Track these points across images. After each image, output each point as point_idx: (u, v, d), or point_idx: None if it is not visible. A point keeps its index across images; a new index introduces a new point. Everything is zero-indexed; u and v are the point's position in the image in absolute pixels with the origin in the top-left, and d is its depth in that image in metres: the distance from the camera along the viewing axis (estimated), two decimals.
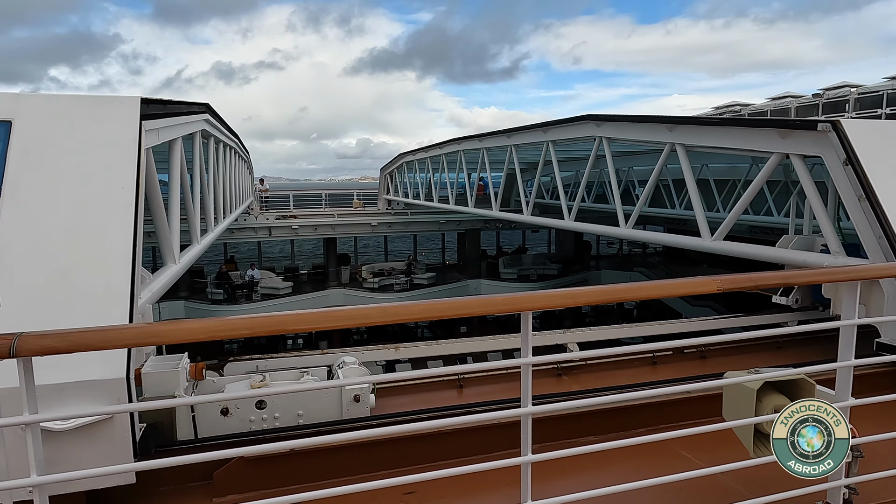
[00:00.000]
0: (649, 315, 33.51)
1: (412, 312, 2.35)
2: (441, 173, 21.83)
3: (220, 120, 10.46)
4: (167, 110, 5.08)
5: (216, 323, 2.05)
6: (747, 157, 19.14)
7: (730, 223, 8.31)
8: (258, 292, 25.52)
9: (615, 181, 12.16)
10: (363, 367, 4.74)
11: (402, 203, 27.57)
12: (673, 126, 9.10)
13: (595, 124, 11.44)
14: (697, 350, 6.30)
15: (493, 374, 5.57)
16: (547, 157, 14.06)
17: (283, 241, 30.20)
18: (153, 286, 4.63)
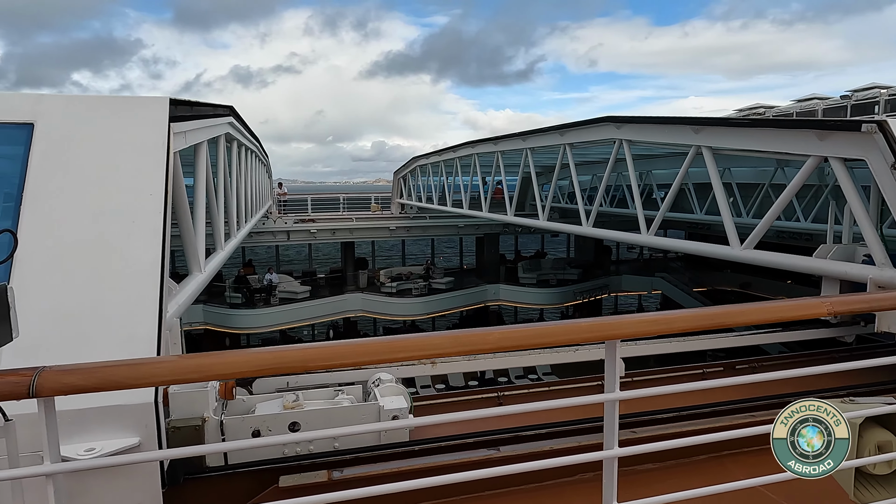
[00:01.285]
0: None
1: (486, 342, 2.05)
2: (455, 177, 21.45)
3: (243, 123, 10.28)
4: (195, 112, 4.84)
5: (262, 356, 1.76)
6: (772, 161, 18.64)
7: (761, 231, 7.75)
8: (276, 296, 25.38)
9: (636, 186, 11.67)
10: (400, 384, 4.44)
11: (416, 207, 27.27)
12: (699, 128, 8.62)
13: (615, 126, 10.99)
14: (749, 366, 5.93)
15: (533, 391, 5.25)
16: (564, 160, 13.63)
17: (301, 245, 30.07)
18: (179, 298, 4.39)
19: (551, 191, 15.57)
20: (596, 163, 24.62)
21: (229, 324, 24.64)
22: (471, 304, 28.66)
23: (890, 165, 5.35)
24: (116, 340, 3.00)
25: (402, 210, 29.29)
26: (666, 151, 20.74)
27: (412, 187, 27.39)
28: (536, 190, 15.74)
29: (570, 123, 12.97)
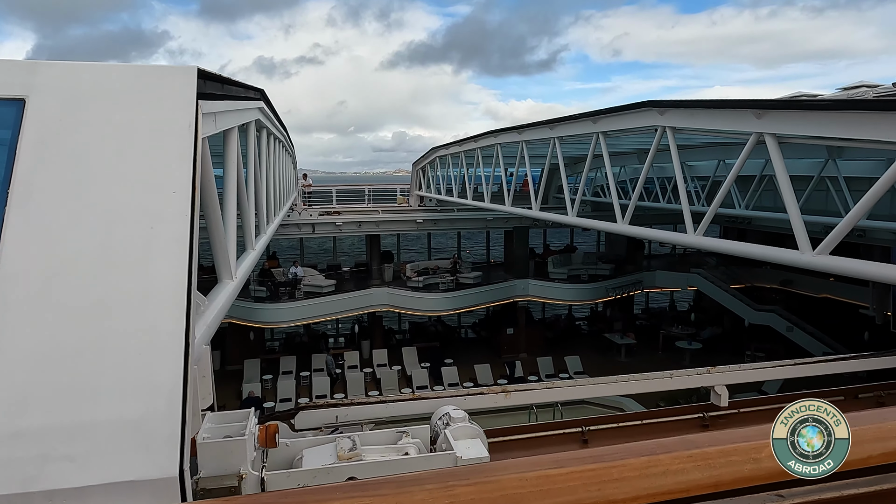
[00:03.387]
0: (706, 318, 31.74)
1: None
2: (476, 168, 20.33)
3: (273, 110, 9.52)
4: (226, 91, 4.05)
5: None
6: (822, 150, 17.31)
7: (840, 235, 6.35)
8: (301, 290, 24.87)
9: (682, 179, 10.20)
10: (473, 423, 3.62)
11: (435, 200, 26.31)
12: (762, 112, 7.32)
13: (658, 112, 9.68)
14: (874, 395, 4.99)
15: (624, 426, 4.41)
16: (596, 150, 12.33)
17: (326, 238, 29.48)
18: (208, 315, 3.63)
19: (582, 183, 14.22)
20: (625, 154, 23.45)
21: (254, 318, 24.20)
22: (499, 299, 27.87)
23: None
24: (127, 388, 2.23)
25: (420, 202, 28.40)
26: (703, 141, 19.46)
27: (431, 179, 26.43)
28: (565, 182, 14.60)
29: (605, 109, 11.63)
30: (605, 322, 31.25)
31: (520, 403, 4.30)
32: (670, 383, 4.51)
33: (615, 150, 21.79)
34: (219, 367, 25.66)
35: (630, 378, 4.53)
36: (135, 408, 2.23)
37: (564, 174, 14.27)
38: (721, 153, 20.47)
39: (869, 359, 5.12)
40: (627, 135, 13.96)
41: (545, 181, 18.01)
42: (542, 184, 16.94)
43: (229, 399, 22.51)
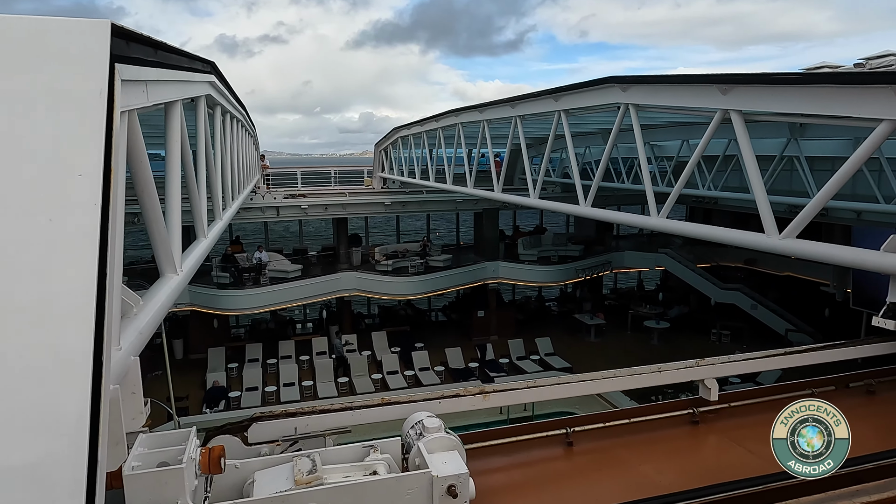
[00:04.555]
0: (674, 298, 32.13)
1: None
2: (438, 149, 19.74)
3: (229, 86, 8.85)
4: (160, 58, 3.51)
5: None
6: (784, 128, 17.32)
7: (806, 218, 6.13)
8: (266, 275, 24.13)
9: (645, 160, 9.81)
10: (450, 433, 3.23)
11: (398, 182, 25.73)
12: (728, 87, 6.90)
13: (620, 88, 9.25)
14: (864, 384, 4.80)
15: (610, 425, 4.09)
16: (558, 130, 11.82)
17: (291, 222, 28.65)
18: (143, 318, 3.13)
19: (543, 164, 13.75)
20: (591, 134, 23.23)
21: (217, 305, 23.43)
22: (469, 282, 27.60)
23: None
24: (17, 426, 1.76)
25: (384, 184, 27.78)
26: (668, 120, 19.27)
27: (394, 160, 25.77)
28: (527, 164, 14.14)
29: (567, 86, 11.05)
30: (574, 303, 31.34)
31: (501, 405, 3.94)
32: (659, 378, 4.22)
33: (580, 129, 21.51)
34: (182, 357, 24.84)
35: (616, 374, 4.21)
36: (28, 450, 1.77)
37: (526, 155, 13.78)
38: (685, 133, 20.41)
39: (860, 346, 4.93)
40: (591, 113, 13.57)
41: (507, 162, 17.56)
42: (505, 165, 16.50)
43: (193, 389, 21.81)
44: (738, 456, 3.89)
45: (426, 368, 23.90)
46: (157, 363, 19.18)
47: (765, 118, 7.69)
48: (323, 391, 22.02)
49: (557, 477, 3.71)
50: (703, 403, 4.35)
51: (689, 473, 3.68)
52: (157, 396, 15.29)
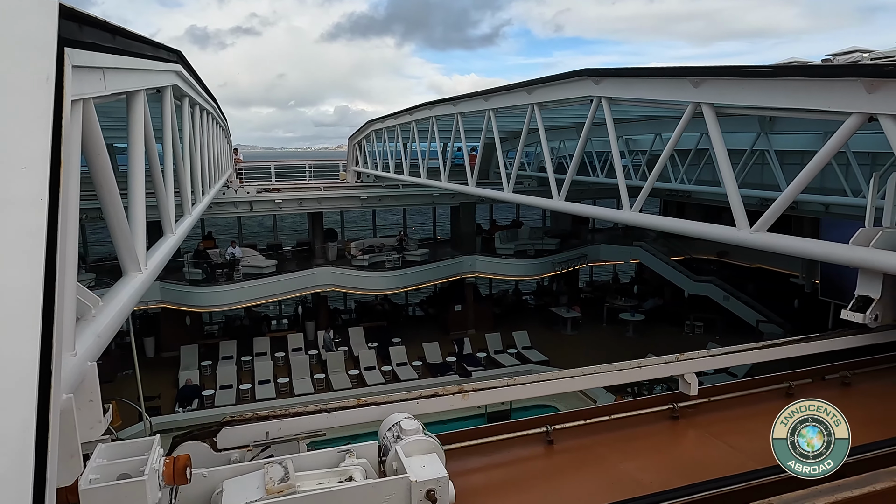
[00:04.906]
0: (648, 290, 32.52)
1: None
2: (412, 143, 19.54)
3: (197, 77, 8.57)
4: (119, 44, 3.31)
5: None
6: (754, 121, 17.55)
7: (777, 212, 6.12)
8: (239, 271, 23.70)
9: (617, 153, 9.84)
10: (428, 435, 3.13)
11: (373, 176, 25.49)
12: (699, 80, 6.82)
13: (593, 81, 9.17)
14: (840, 376, 4.84)
15: (591, 422, 4.03)
16: (532, 123, 11.72)
17: (265, 217, 28.20)
18: (102, 320, 2.94)
19: (517, 158, 13.55)
20: (565, 127, 23.26)
21: (189, 301, 22.94)
22: (446, 276, 27.53)
23: None
24: None
25: (358, 178, 27.48)
26: (641, 114, 19.36)
27: (368, 154, 25.48)
28: (501, 157, 14.07)
29: (540, 79, 10.94)
30: (551, 296, 31.52)
31: (479, 404, 3.85)
32: (640, 374, 4.18)
33: (554, 123, 21.49)
34: (153, 355, 24.32)
35: (597, 370, 4.16)
36: None
37: (500, 148, 13.69)
38: (658, 127, 20.56)
39: (835, 339, 4.97)
40: (565, 107, 13.53)
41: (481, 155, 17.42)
42: (479, 159, 16.37)
43: (165, 388, 21.37)
44: (718, 451, 3.86)
45: (403, 364, 23.78)
46: (126, 362, 18.80)
47: (736, 111, 7.68)
48: (299, 388, 21.76)
49: (538, 477, 3.64)
50: (682, 398, 4.32)
51: (670, 470, 3.64)
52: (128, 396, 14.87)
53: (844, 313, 5.09)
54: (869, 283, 4.98)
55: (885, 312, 4.94)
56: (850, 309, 5.04)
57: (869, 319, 4.87)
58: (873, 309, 4.87)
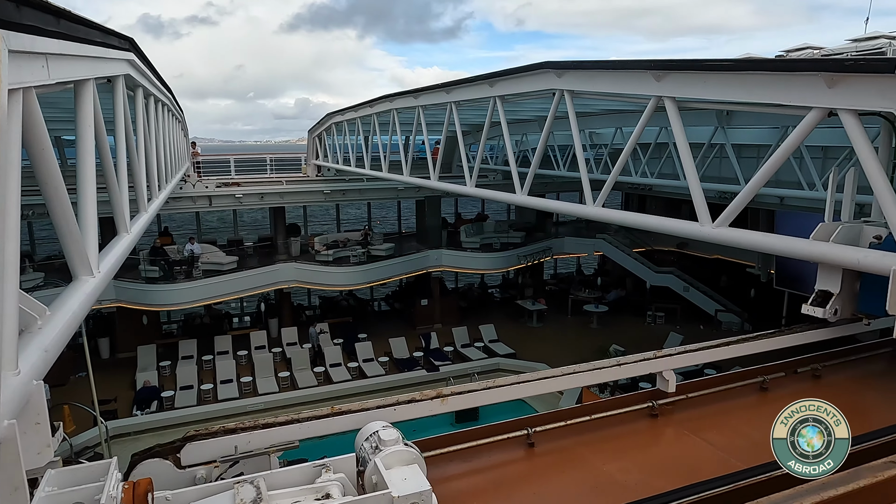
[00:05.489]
0: (612, 282, 33.03)
1: None
2: (374, 136, 19.28)
3: (151, 67, 8.14)
4: (63, 28, 3.02)
5: None
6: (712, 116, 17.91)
7: (739, 206, 6.13)
8: (199, 268, 22.98)
9: (580, 147, 9.79)
10: (409, 444, 2.98)
11: (333, 170, 25.05)
12: (662, 73, 6.75)
13: (555, 74, 9.04)
14: (811, 369, 4.90)
15: (572, 423, 3.95)
16: (494, 117, 11.54)
17: (225, 212, 27.42)
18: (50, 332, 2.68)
19: (479, 152, 13.34)
20: (528, 121, 23.28)
21: (146, 300, 22.15)
22: (412, 271, 27.35)
23: None
24: None
25: (318, 172, 26.95)
26: (603, 108, 19.51)
27: (328, 147, 25.00)
28: (463, 151, 13.94)
29: (502, 71, 10.79)
30: (517, 289, 31.68)
31: (459, 408, 3.72)
32: (619, 372, 4.13)
33: (517, 117, 21.45)
34: (108, 356, 23.42)
35: (577, 369, 4.09)
36: None
37: (462, 142, 13.53)
38: (621, 121, 20.76)
39: (807, 332, 5.02)
40: (527, 100, 13.47)
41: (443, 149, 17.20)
42: (441, 152, 16.18)
43: (122, 390, 20.60)
44: (698, 449, 3.85)
45: (370, 359, 23.54)
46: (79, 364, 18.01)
47: (698, 105, 7.68)
48: (263, 387, 21.29)
49: (520, 481, 3.54)
50: (661, 396, 4.29)
51: (652, 471, 3.60)
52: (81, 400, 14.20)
53: (805, 308, 5.10)
54: (828, 278, 4.99)
55: (844, 307, 4.98)
56: (809, 304, 5.05)
57: (829, 314, 4.88)
58: (833, 303, 4.89)
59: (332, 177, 26.18)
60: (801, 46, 30.46)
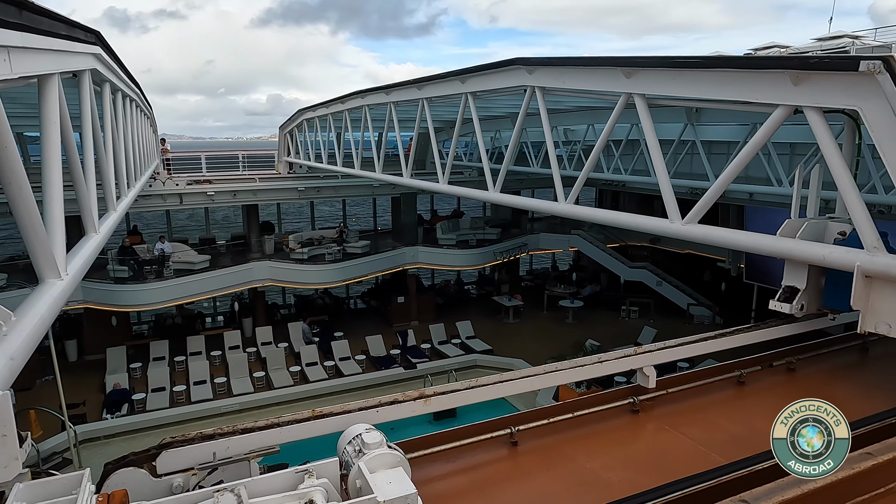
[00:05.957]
0: (586, 277, 33.35)
1: None
2: (346, 132, 19.02)
3: (119, 61, 7.90)
4: (26, 20, 2.88)
5: None
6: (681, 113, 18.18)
7: (707, 203, 6.19)
8: (170, 267, 22.50)
9: (552, 144, 9.73)
10: (393, 447, 2.94)
11: (305, 167, 24.76)
12: (632, 70, 6.75)
13: (526, 70, 9.00)
14: (786, 362, 4.99)
15: (555, 420, 3.95)
16: (466, 113, 11.41)
17: (197, 210, 26.90)
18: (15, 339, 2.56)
19: (452, 149, 13.28)
20: (501, 118, 23.32)
21: (115, 301, 21.60)
22: (388, 268, 27.23)
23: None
24: None
25: (290, 169, 26.62)
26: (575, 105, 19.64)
27: (300, 143, 24.69)
28: (435, 148, 13.82)
29: (474, 67, 10.76)
30: (493, 285, 31.79)
31: (441, 408, 3.68)
32: (601, 369, 4.15)
33: (490, 113, 21.47)
34: (76, 359, 22.82)
35: (559, 367, 4.09)
36: None
37: (434, 139, 13.45)
38: (592, 117, 20.92)
39: (782, 326, 5.11)
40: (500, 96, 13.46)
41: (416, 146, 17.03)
42: (413, 149, 16.05)
43: (91, 393, 20.09)
44: (679, 444, 3.88)
45: (346, 358, 23.36)
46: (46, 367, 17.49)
47: (667, 103, 7.71)
48: (238, 387, 20.97)
49: (504, 480, 3.53)
50: (641, 391, 4.32)
51: (635, 467, 3.62)
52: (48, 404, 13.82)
53: (772, 304, 5.16)
54: (795, 274, 5.07)
55: (811, 302, 5.07)
56: (777, 299, 5.12)
57: (795, 309, 4.97)
58: (799, 299, 4.98)
59: (304, 174, 25.87)
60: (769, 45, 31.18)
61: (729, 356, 5.09)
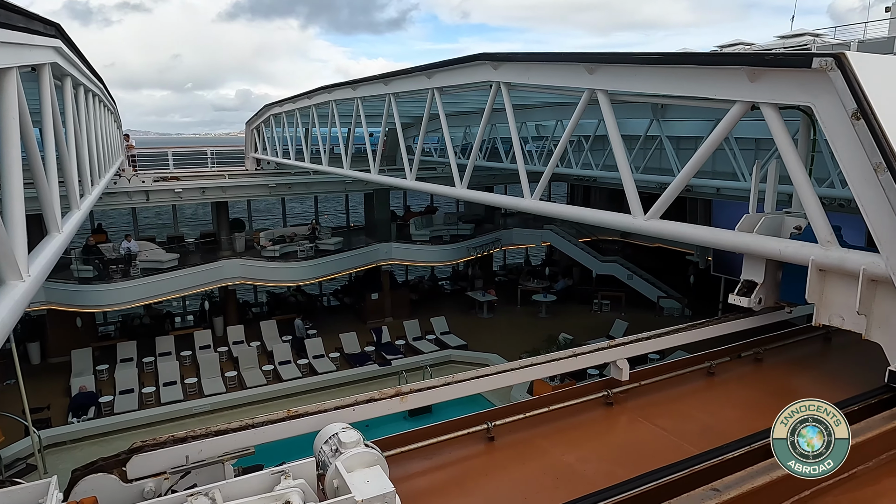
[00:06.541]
0: (559, 271, 33.68)
1: None
2: (313, 128, 18.71)
3: (80, 55, 7.66)
4: None
5: None
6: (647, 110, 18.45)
7: (668, 199, 6.24)
8: (136, 266, 21.99)
9: (517, 140, 9.71)
10: (371, 447, 2.93)
11: (273, 163, 24.44)
12: (594, 66, 6.79)
13: (492, 66, 8.98)
14: (753, 353, 5.12)
15: (531, 415, 3.98)
16: (433, 109, 11.37)
17: (164, 207, 26.30)
18: None
19: (419, 144, 13.20)
20: (470, 113, 23.37)
21: (79, 301, 21.03)
22: (361, 265, 27.07)
23: (850, 114, 3.84)
24: None
25: (258, 165, 26.25)
26: (542, 101, 19.77)
27: (267, 139, 24.35)
28: (402, 144, 13.74)
29: (439, 63, 10.71)
30: (467, 281, 31.88)
31: (419, 405, 3.68)
32: (576, 363, 4.19)
33: (458, 109, 21.49)
34: (39, 361, 22.15)
35: (535, 361, 4.12)
36: None
37: (402, 134, 13.38)
38: (559, 113, 21.11)
39: (749, 318, 5.24)
40: (468, 92, 13.43)
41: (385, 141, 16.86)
42: (380, 145, 15.93)
43: (56, 397, 19.54)
44: (653, 435, 3.95)
45: (320, 356, 23.17)
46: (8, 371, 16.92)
47: (630, 98, 7.78)
48: (209, 388, 20.63)
49: (481, 475, 3.54)
50: (615, 384, 4.39)
51: (609, 458, 3.67)
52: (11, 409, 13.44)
53: (731, 297, 5.27)
54: (753, 268, 5.19)
55: (768, 296, 5.21)
56: (735, 293, 5.23)
57: (753, 303, 5.09)
58: (757, 293, 5.10)
59: (273, 170, 25.51)
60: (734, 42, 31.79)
61: (698, 348, 5.19)
